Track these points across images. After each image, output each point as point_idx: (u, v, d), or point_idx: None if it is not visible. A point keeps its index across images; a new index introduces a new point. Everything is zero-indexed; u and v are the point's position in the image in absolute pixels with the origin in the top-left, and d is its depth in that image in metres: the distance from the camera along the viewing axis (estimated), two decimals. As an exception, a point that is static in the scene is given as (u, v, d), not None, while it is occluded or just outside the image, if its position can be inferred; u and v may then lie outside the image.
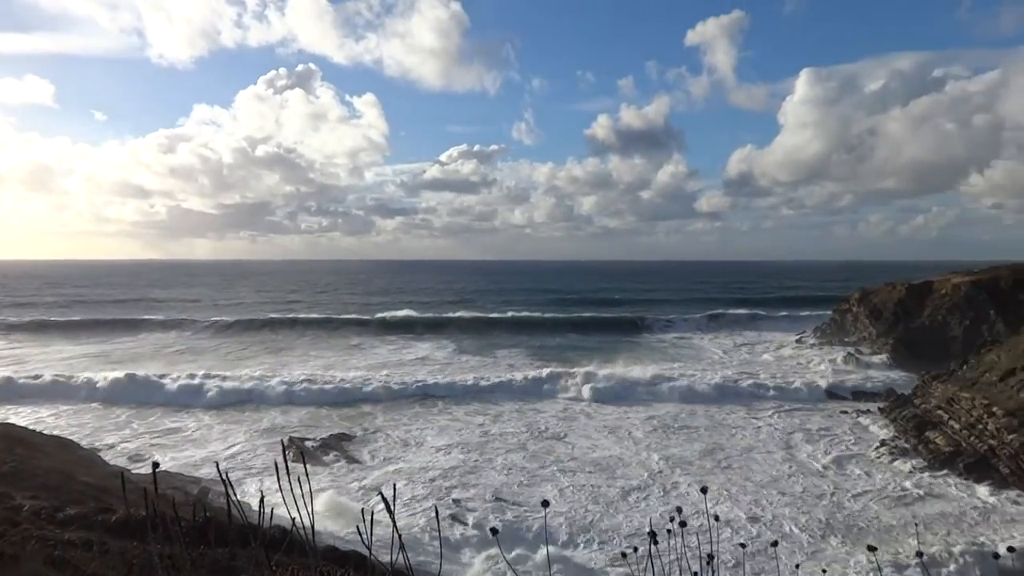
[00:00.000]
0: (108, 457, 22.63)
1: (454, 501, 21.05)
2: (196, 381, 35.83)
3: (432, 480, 23.21)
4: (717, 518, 18.32)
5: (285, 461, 2.50)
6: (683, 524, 4.35)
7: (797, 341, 55.03)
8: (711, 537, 5.59)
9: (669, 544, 4.54)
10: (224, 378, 36.80)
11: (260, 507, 2.79)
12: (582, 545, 18.21)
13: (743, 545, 17.26)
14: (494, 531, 4.21)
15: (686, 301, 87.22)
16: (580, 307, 79.20)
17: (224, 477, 2.48)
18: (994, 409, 25.74)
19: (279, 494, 2.55)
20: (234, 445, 27.05)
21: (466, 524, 18.92)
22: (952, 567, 16.80)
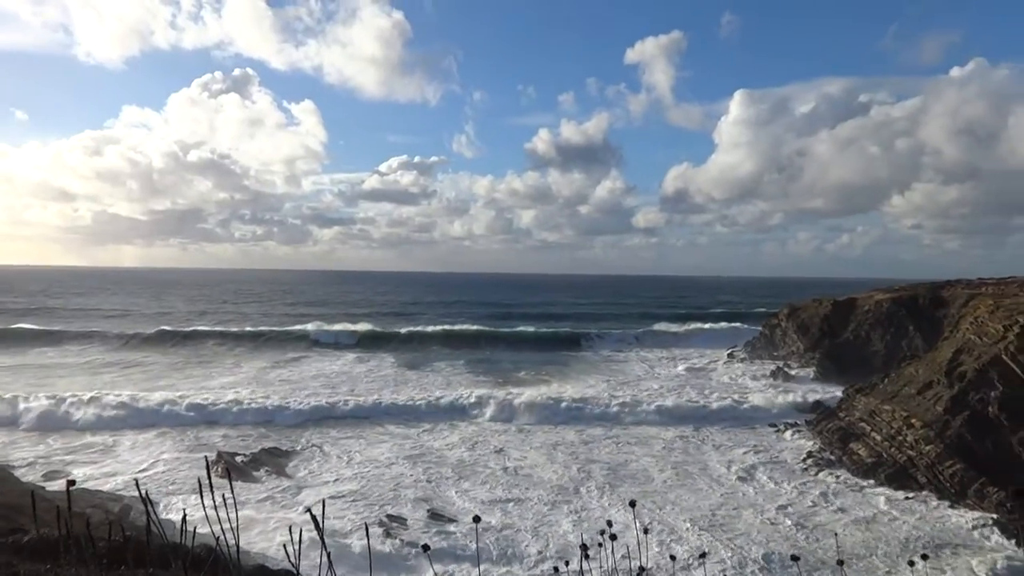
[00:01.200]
0: (21, 474, 21.48)
1: (388, 517, 20.77)
2: (118, 395, 34.32)
3: (365, 496, 22.85)
4: (647, 531, 18.58)
5: (209, 477, 2.46)
6: (613, 537, 4.44)
7: (729, 356, 56.50)
8: (640, 551, 5.70)
9: (601, 557, 4.62)
10: (148, 392, 35.39)
11: (183, 525, 2.72)
12: (515, 561, 18.20)
13: (673, 557, 17.56)
14: (426, 547, 4.21)
15: (623, 316, 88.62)
16: (519, 321, 79.33)
17: (144, 495, 2.42)
18: (913, 421, 26.98)
19: (206, 511, 2.50)
20: (159, 461, 26.06)
21: (399, 540, 18.68)
22: (863, 566, 17.50)
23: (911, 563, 13.47)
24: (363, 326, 69.44)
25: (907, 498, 23.77)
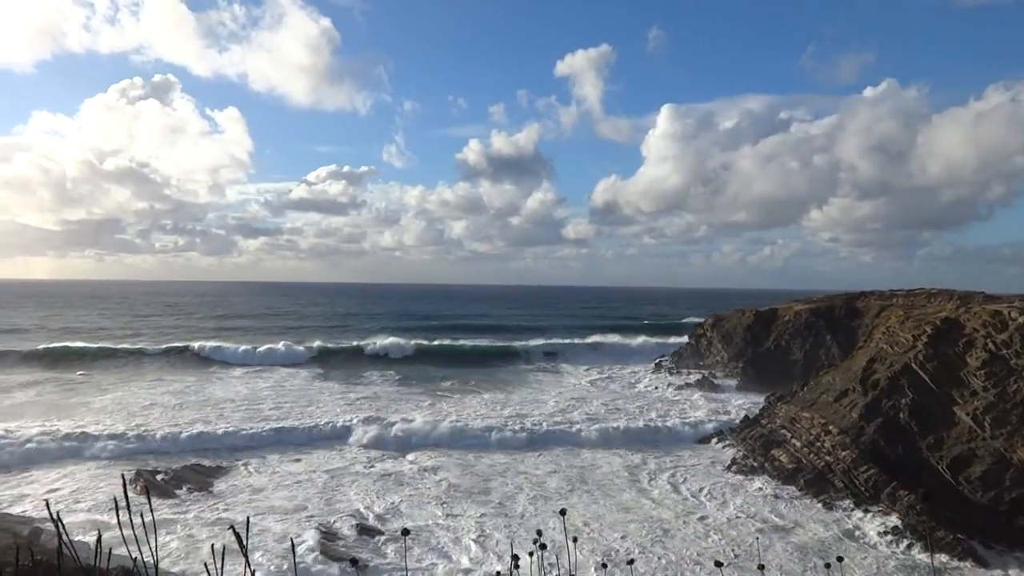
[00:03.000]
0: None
1: (317, 528, 20.31)
2: (30, 425, 32.45)
3: (293, 511, 22.30)
4: (575, 539, 18.75)
5: (126, 494, 2.38)
6: (543, 547, 4.51)
7: (656, 366, 57.70)
8: (570, 559, 5.80)
9: (531, 567, 4.67)
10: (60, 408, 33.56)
11: (97, 546, 2.62)
12: (443, 572, 18.09)
13: (604, 565, 17.80)
14: (354, 561, 4.16)
15: (553, 328, 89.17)
16: (450, 333, 78.92)
17: (55, 516, 2.32)
18: (830, 427, 28.16)
19: (122, 531, 2.42)
20: (71, 480, 24.78)
21: (327, 555, 18.30)
22: (782, 572, 18.17)
23: (827, 565, 14.08)
24: (289, 338, 67.77)
25: (825, 504, 24.74)
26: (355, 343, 64.21)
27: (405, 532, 3.97)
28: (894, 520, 22.61)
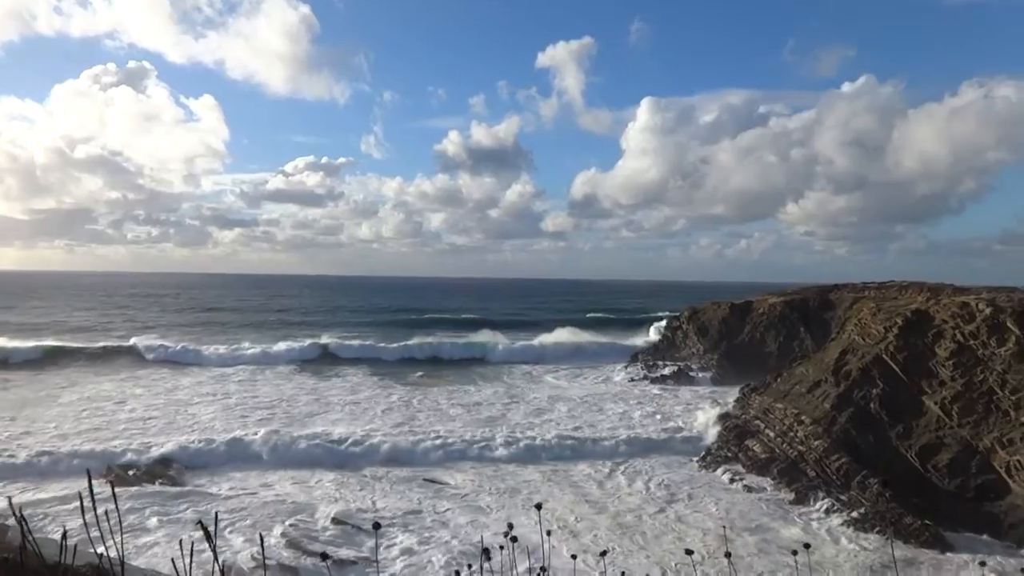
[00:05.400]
0: None
1: (290, 526, 20.24)
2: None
3: (265, 505, 22.19)
4: (549, 533, 18.93)
5: (91, 489, 2.39)
6: (514, 540, 4.56)
7: (632, 359, 58.04)
8: (543, 552, 5.86)
9: (502, 560, 4.72)
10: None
11: (63, 542, 2.63)
12: (415, 565, 18.14)
13: (574, 556, 17.96)
14: (324, 556, 4.19)
15: (529, 323, 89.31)
16: (426, 328, 78.64)
17: (17, 512, 2.32)
18: (803, 418, 28.60)
19: (87, 527, 2.43)
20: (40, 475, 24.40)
21: (302, 550, 18.24)
22: (753, 561, 18.50)
23: (795, 553, 14.40)
24: (263, 331, 67.07)
25: (798, 493, 25.12)
26: (324, 340, 61.91)
27: (376, 526, 4.00)
28: (864, 508, 23.05)
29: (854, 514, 22.85)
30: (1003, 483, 22.85)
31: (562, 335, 67.89)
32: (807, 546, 6.25)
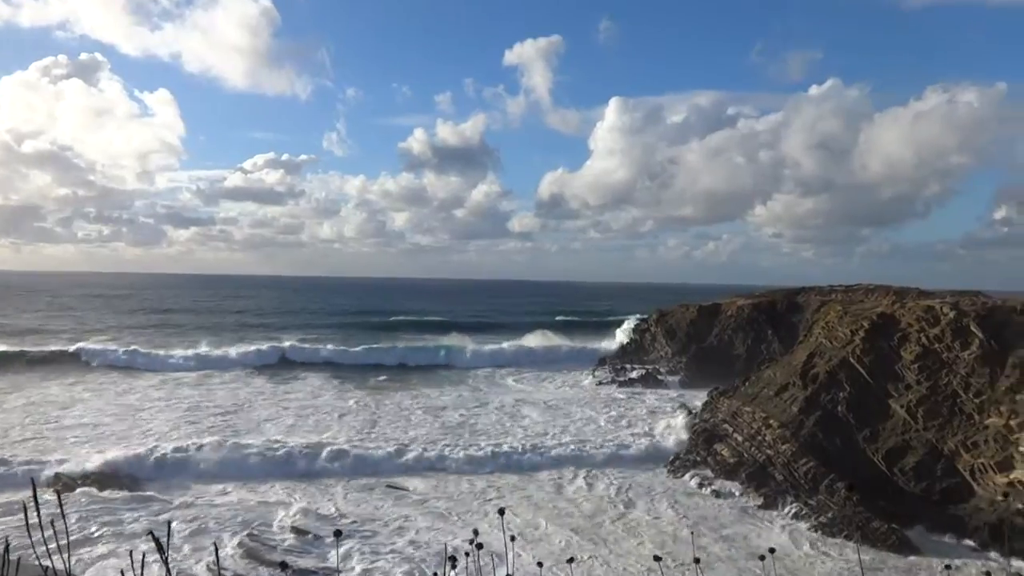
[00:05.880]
0: None
1: (247, 536, 19.94)
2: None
3: (220, 514, 21.82)
4: (514, 538, 18.91)
5: (36, 499, 2.32)
6: (479, 546, 4.55)
7: (600, 362, 58.33)
8: (507, 558, 5.87)
9: (467, 567, 4.71)
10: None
11: (4, 556, 2.54)
12: (378, 572, 18.02)
13: (540, 563, 17.97)
14: (283, 565, 4.14)
15: (494, 325, 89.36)
16: (388, 332, 78.13)
17: (-42, 523, 2.24)
18: (771, 422, 29.04)
19: (30, 537, 2.36)
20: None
21: (259, 560, 18.00)
22: (721, 567, 18.74)
23: (762, 558, 14.59)
24: (216, 335, 65.89)
25: (766, 497, 25.49)
26: (283, 343, 60.63)
27: (338, 533, 3.96)
28: (832, 512, 23.47)
29: (822, 519, 23.26)
30: (967, 486, 23.47)
31: (529, 338, 67.99)
32: (772, 551, 6.33)
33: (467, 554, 4.67)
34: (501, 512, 5.04)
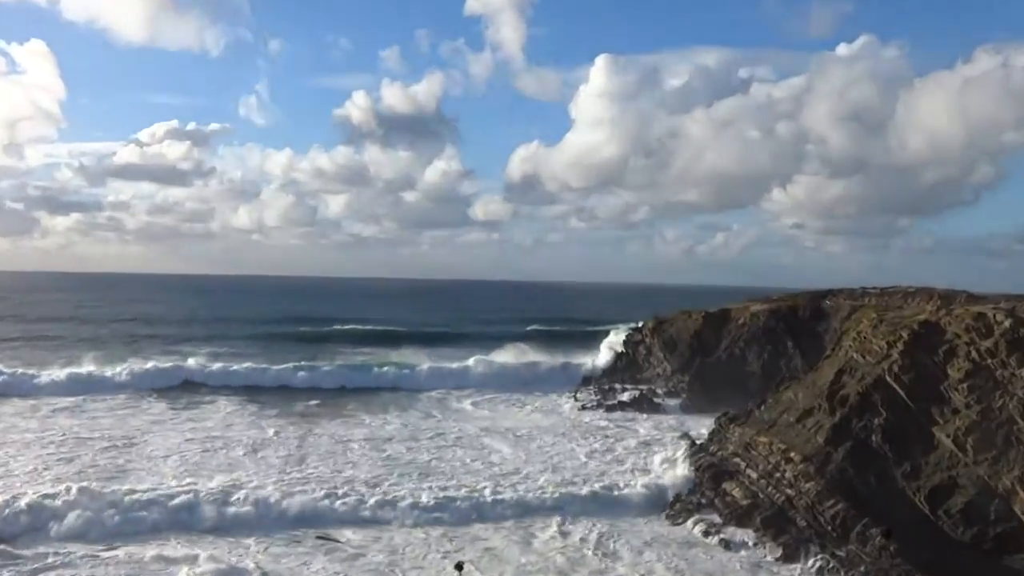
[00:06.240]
0: None
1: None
2: None
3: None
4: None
5: None
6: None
7: (584, 382, 58.32)
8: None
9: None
10: None
11: None
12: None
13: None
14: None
15: (453, 336, 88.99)
16: (320, 345, 77.36)
17: None
18: (791, 454, 29.21)
19: None
20: None
21: None
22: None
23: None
24: (96, 351, 64.55)
25: (785, 548, 25.63)
26: (188, 362, 59.68)
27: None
28: (864, 565, 23.64)
29: (853, 573, 23.44)
30: (1026, 531, 23.72)
31: (499, 354, 67.53)
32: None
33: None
34: (459, 567, 4.98)
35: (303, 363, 62.41)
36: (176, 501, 27.96)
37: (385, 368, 62.90)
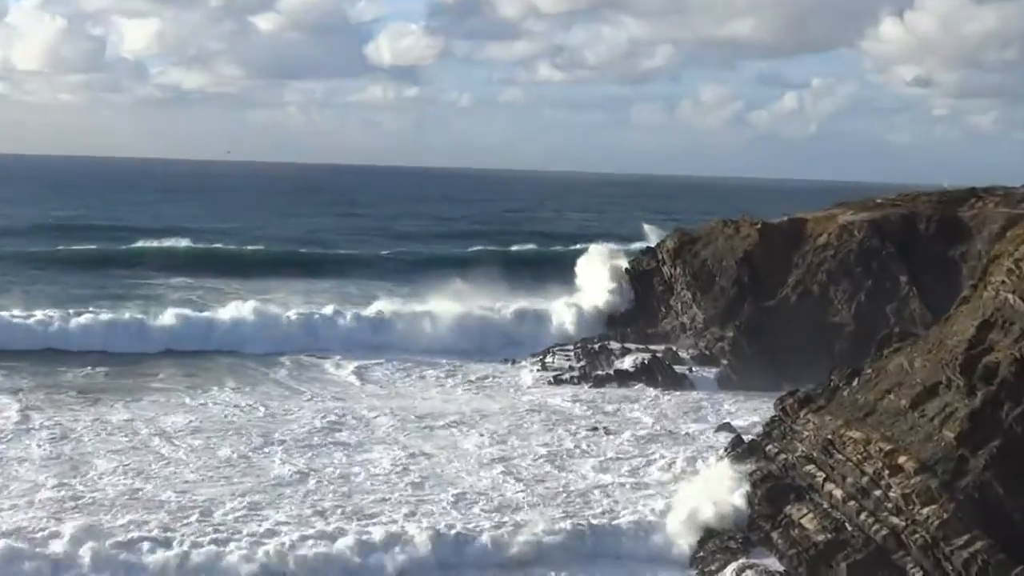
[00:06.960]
0: None
1: None
2: None
3: None
4: None
5: None
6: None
7: (559, 341, 58.24)
8: None
9: None
10: None
11: None
12: None
13: None
14: None
15: (334, 261, 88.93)
16: (117, 275, 77.03)
17: None
18: (900, 459, 29.26)
19: None
20: None
21: None
22: None
23: None
24: None
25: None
26: None
27: None
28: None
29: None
30: None
31: (417, 295, 67.50)
32: None
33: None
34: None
35: (83, 309, 61.68)
36: None
37: (221, 314, 62.69)
